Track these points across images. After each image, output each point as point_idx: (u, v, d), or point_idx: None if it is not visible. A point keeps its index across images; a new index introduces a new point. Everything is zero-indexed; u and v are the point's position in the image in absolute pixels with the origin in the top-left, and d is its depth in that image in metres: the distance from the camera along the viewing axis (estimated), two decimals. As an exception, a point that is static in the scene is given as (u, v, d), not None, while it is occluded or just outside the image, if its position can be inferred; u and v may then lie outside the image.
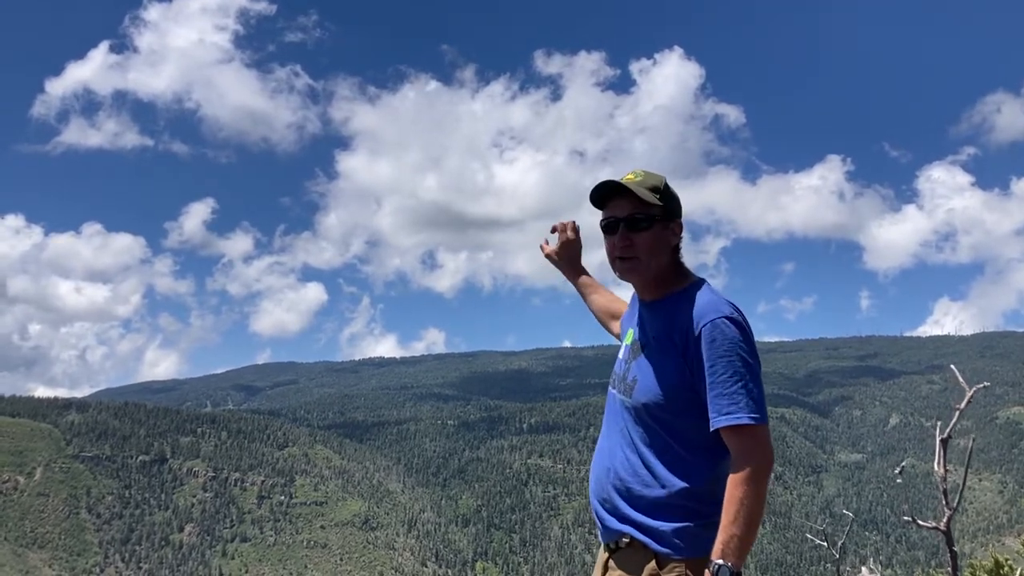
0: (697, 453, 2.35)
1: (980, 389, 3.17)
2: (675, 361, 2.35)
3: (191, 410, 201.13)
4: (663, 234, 2.49)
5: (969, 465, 3.23)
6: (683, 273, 2.56)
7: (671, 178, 2.49)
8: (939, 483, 3.04)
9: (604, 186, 2.47)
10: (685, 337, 2.34)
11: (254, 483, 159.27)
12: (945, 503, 3.09)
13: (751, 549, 2.25)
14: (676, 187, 2.39)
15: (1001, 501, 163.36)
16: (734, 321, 2.34)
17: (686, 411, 2.33)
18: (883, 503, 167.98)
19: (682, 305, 2.41)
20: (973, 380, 3.25)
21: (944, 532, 3.14)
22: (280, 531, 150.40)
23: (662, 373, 2.37)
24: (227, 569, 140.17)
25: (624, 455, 2.44)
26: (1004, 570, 6.72)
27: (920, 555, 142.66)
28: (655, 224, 2.47)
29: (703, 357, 2.29)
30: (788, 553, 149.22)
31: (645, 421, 2.41)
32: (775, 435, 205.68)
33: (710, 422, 2.28)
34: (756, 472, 2.21)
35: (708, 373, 2.28)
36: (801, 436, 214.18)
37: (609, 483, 2.47)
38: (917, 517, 3.30)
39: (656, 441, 2.39)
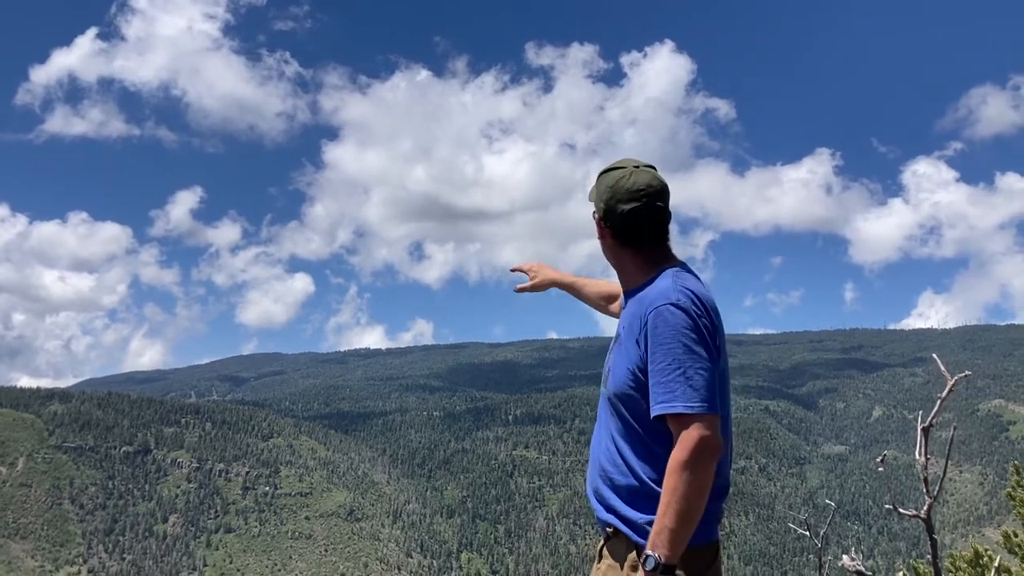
0: (662, 443, 2.31)
1: (962, 379, 3.18)
2: (634, 351, 2.34)
3: (175, 401, 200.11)
4: (600, 233, 2.59)
5: (950, 456, 3.24)
6: (657, 261, 2.52)
7: (660, 171, 2.49)
8: (920, 472, 3.11)
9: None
10: (641, 326, 2.33)
11: (239, 474, 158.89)
12: (926, 492, 3.13)
13: (685, 542, 2.20)
14: (665, 180, 2.36)
15: (981, 493, 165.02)
16: (679, 307, 2.28)
17: (646, 400, 2.31)
18: (865, 495, 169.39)
19: (644, 294, 2.41)
20: (955, 373, 3.26)
21: (925, 520, 3.16)
22: (265, 522, 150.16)
23: (625, 363, 2.37)
24: (211, 560, 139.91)
25: (606, 445, 2.46)
26: (984, 560, 6.78)
27: (901, 546, 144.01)
28: (597, 227, 2.58)
29: (648, 345, 2.29)
30: (771, 544, 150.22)
31: (619, 411, 2.42)
32: (760, 427, 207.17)
33: (653, 411, 2.27)
34: (689, 462, 2.15)
35: (650, 361, 2.27)
36: (785, 428, 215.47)
37: (596, 473, 2.49)
38: (899, 507, 3.31)
39: (628, 431, 2.39)
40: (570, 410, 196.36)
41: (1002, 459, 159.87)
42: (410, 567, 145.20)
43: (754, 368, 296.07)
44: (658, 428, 2.31)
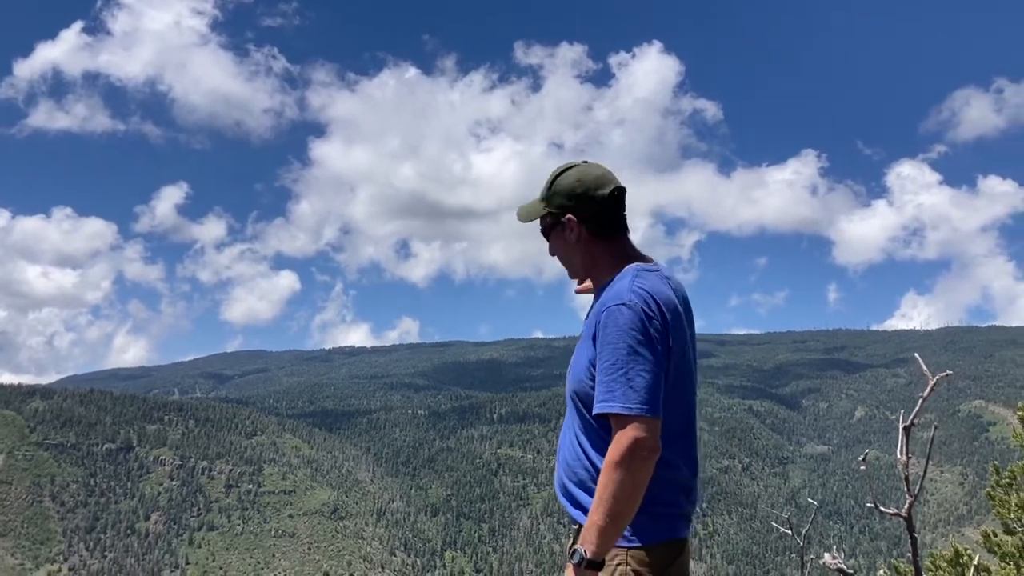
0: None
1: (943, 379, 3.21)
2: (590, 348, 2.34)
3: (159, 398, 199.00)
4: (560, 236, 2.51)
5: (931, 455, 3.24)
6: (626, 256, 2.51)
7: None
8: (901, 470, 3.13)
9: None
10: (595, 324, 2.33)
11: (222, 472, 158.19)
12: (907, 491, 3.16)
13: (613, 540, 2.22)
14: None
15: (961, 493, 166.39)
16: (630, 307, 2.27)
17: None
18: (847, 494, 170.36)
19: (605, 292, 2.41)
20: (936, 373, 3.30)
21: (905, 519, 3.18)
22: (248, 520, 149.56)
23: (583, 360, 2.37)
24: (194, 558, 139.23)
25: (570, 441, 2.47)
26: (963, 559, 6.84)
27: (883, 545, 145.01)
28: (551, 232, 2.54)
29: (599, 344, 2.30)
30: (754, 543, 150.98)
31: (578, 408, 2.42)
32: (743, 427, 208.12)
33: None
34: (621, 462, 2.16)
35: (598, 360, 2.28)
36: (768, 428, 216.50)
37: (562, 470, 2.50)
38: (880, 506, 3.31)
39: (587, 428, 2.39)
40: (555, 409, 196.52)
41: (982, 459, 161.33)
42: (394, 565, 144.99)
43: (738, 368, 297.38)
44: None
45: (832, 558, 3.35)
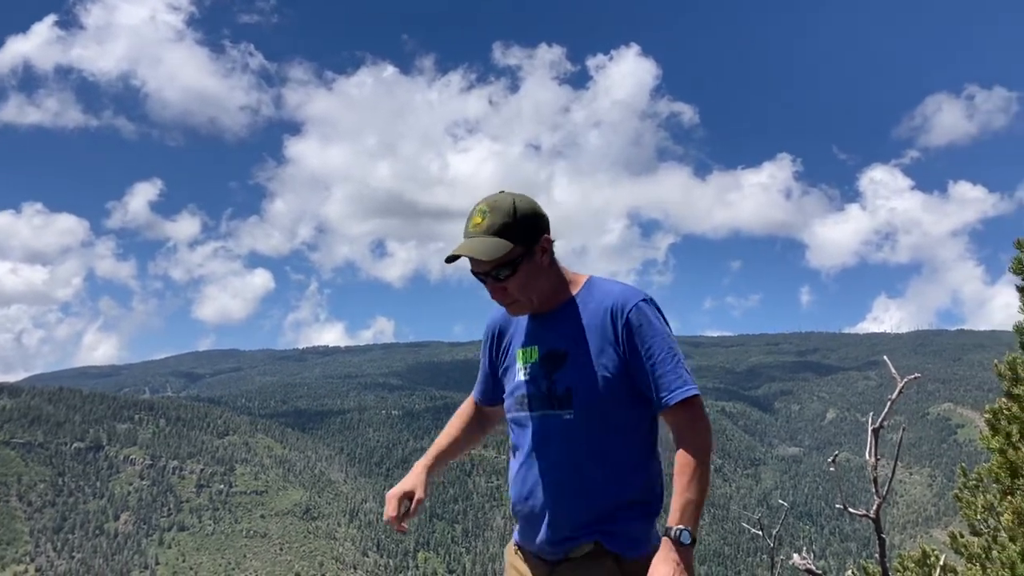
0: (638, 443, 2.31)
1: (911, 381, 3.23)
2: (609, 355, 2.25)
3: (129, 396, 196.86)
4: (531, 265, 2.27)
5: (899, 457, 3.25)
6: (566, 275, 2.39)
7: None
8: (870, 472, 3.16)
9: (450, 260, 2.30)
10: (613, 328, 2.26)
11: (193, 471, 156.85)
12: (875, 492, 3.18)
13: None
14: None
15: (930, 494, 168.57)
16: (652, 302, 2.30)
17: (625, 402, 2.26)
18: (818, 496, 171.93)
19: (592, 301, 2.32)
20: (906, 376, 3.34)
21: (873, 520, 3.19)
22: (219, 520, 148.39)
23: (601, 371, 2.25)
24: (164, 558, 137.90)
25: (582, 467, 2.29)
26: (931, 560, 6.93)
27: (852, 546, 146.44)
28: (519, 265, 2.26)
29: (636, 343, 2.24)
30: (726, 544, 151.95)
31: (594, 426, 2.28)
32: (716, 428, 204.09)
33: (660, 401, 2.23)
34: (709, 439, 2.26)
35: (646, 356, 2.23)
36: (741, 429, 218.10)
37: (582, 503, 2.29)
38: (849, 507, 3.33)
39: (616, 438, 2.29)
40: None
41: (950, 461, 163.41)
42: (366, 566, 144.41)
43: (711, 370, 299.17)
44: (633, 429, 2.30)
45: (801, 559, 3.38)
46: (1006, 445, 5.33)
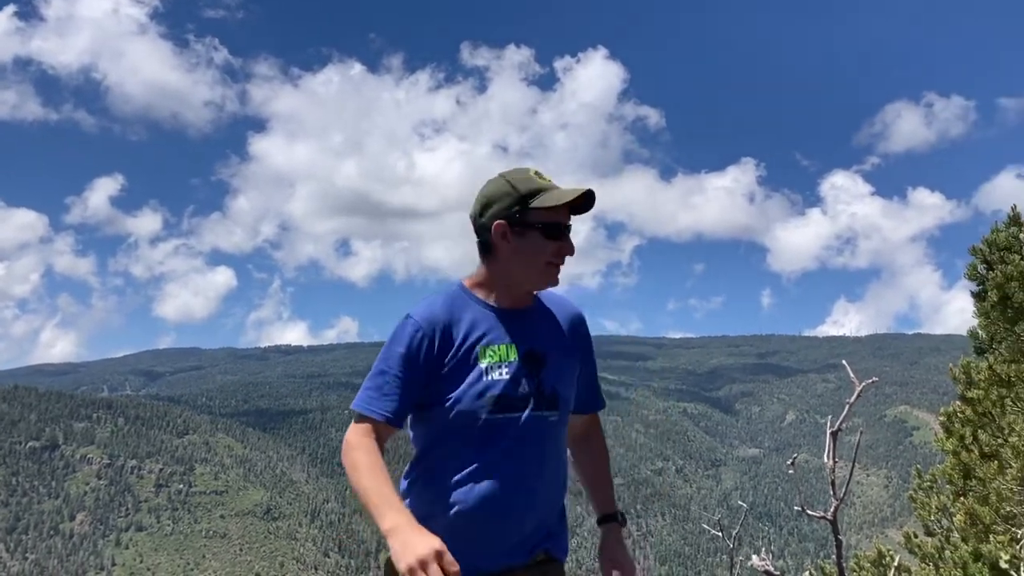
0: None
1: (869, 384, 3.24)
2: (575, 360, 2.26)
3: (87, 395, 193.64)
4: (520, 237, 2.21)
5: (857, 459, 3.31)
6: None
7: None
8: (828, 474, 3.18)
9: (589, 195, 2.17)
10: (577, 334, 2.28)
11: (152, 471, 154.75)
12: (833, 494, 3.19)
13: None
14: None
15: (886, 495, 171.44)
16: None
17: (571, 406, 2.28)
18: (778, 497, 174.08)
19: (552, 304, 2.28)
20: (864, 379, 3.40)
21: (831, 521, 3.21)
22: (178, 520, 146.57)
23: (571, 378, 2.24)
24: (121, 559, 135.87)
25: (557, 471, 2.25)
26: (886, 560, 7.06)
27: (810, 547, 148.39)
28: (510, 233, 2.16)
29: (588, 350, 2.32)
30: (687, 544, 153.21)
31: (565, 429, 2.27)
32: (678, 429, 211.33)
33: (595, 405, 2.38)
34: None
35: (590, 364, 2.35)
36: (702, 431, 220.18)
37: (551, 507, 2.26)
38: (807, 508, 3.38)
39: (562, 446, 2.27)
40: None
41: (906, 463, 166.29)
42: (327, 567, 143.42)
43: (674, 371, 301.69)
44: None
45: (760, 560, 3.44)
46: (959, 447, 5.45)
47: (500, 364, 2.10)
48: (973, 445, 5.37)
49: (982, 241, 5.46)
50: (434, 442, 2.15)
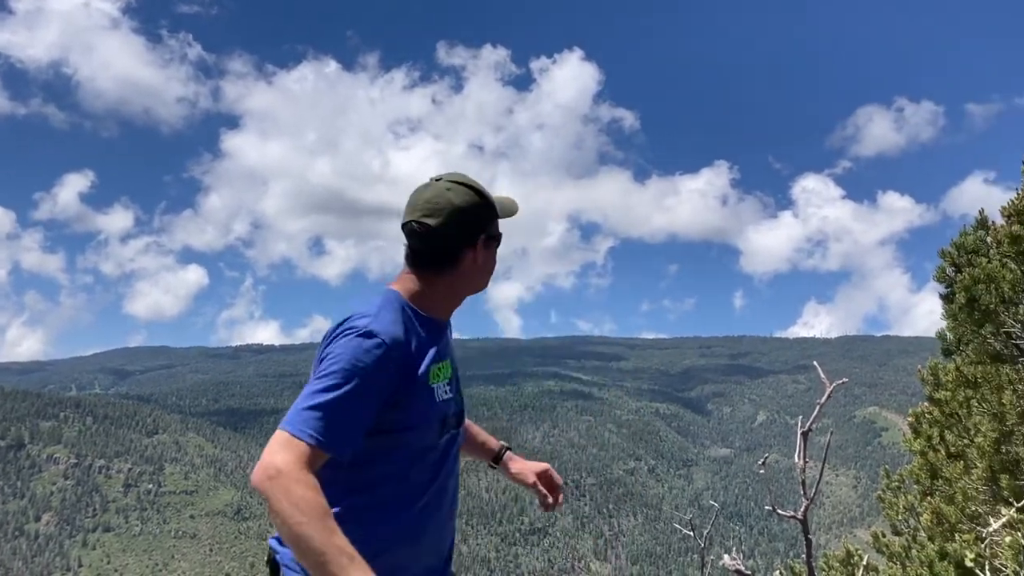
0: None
1: (840, 386, 3.26)
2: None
3: (54, 393, 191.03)
4: (485, 254, 2.13)
5: (826, 460, 3.34)
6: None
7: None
8: (798, 474, 3.19)
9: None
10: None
11: (120, 471, 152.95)
12: (803, 493, 3.20)
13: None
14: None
15: (855, 495, 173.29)
16: None
17: None
18: (748, 497, 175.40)
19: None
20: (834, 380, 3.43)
21: (801, 521, 3.22)
22: (147, 520, 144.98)
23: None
24: (87, 560, 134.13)
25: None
26: (854, 559, 7.14)
27: (780, 546, 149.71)
28: (479, 251, 2.07)
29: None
30: (658, 544, 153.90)
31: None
32: (650, 429, 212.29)
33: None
34: None
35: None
36: (674, 431, 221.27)
37: (451, 539, 2.10)
38: (778, 508, 3.40)
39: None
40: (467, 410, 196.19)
41: (875, 463, 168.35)
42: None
43: (647, 371, 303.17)
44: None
45: (731, 559, 3.47)
46: (927, 447, 5.52)
47: (444, 383, 1.96)
48: (940, 445, 5.44)
49: (950, 244, 5.53)
50: (386, 472, 1.85)
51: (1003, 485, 4.89)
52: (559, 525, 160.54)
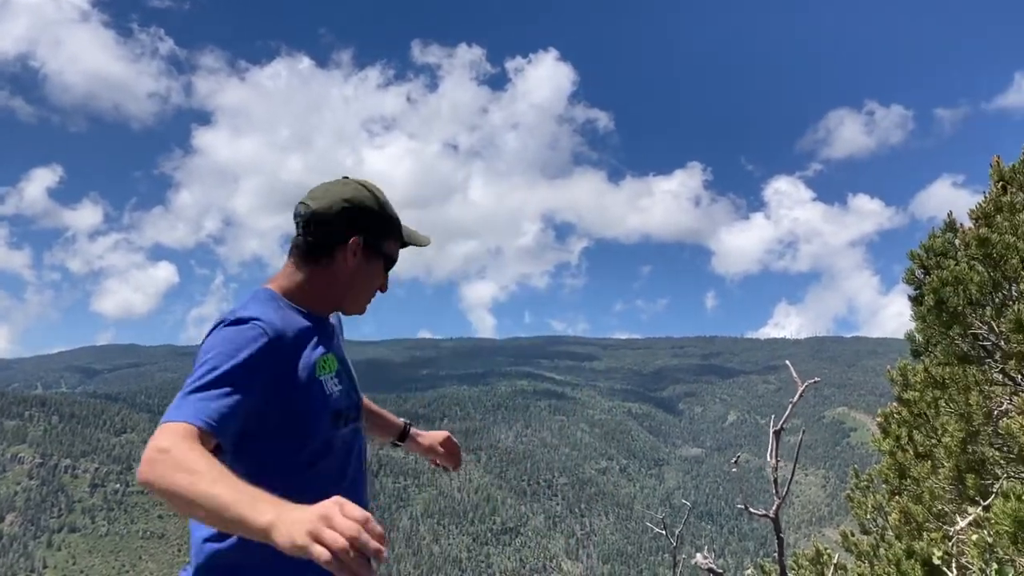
0: None
1: (811, 385, 3.26)
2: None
3: (19, 392, 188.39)
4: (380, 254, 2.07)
5: (798, 459, 3.37)
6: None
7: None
8: (771, 473, 3.19)
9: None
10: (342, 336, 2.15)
11: (87, 470, 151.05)
12: (775, 492, 3.21)
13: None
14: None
15: (824, 495, 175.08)
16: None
17: None
18: (719, 496, 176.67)
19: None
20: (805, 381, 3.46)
21: (773, 520, 3.23)
22: (114, 521, 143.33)
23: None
24: (52, 561, 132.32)
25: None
26: (824, 558, 7.21)
27: (750, 545, 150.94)
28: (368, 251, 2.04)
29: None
30: (629, 543, 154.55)
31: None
32: (622, 429, 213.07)
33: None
34: None
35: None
36: (646, 430, 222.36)
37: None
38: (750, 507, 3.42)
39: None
40: (439, 410, 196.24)
41: (843, 463, 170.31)
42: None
43: (620, 371, 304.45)
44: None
45: (703, 558, 3.48)
46: (896, 447, 5.57)
47: (331, 375, 1.88)
48: (909, 445, 5.50)
49: (920, 246, 5.59)
50: (279, 476, 1.69)
51: (969, 484, 4.95)
52: (531, 525, 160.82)
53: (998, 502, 3.77)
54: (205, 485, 1.39)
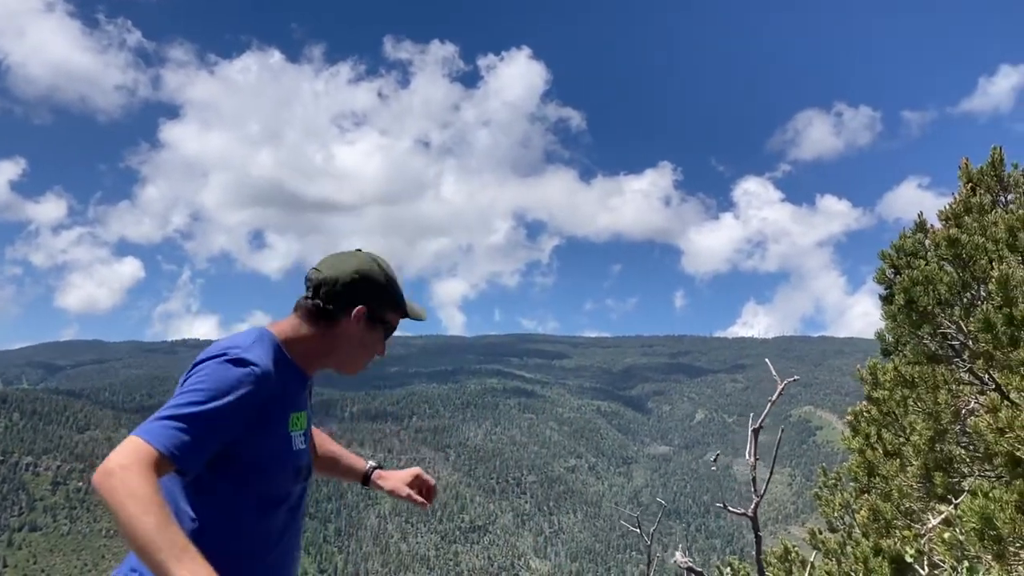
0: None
1: (791, 382, 3.27)
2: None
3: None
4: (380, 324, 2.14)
5: (774, 458, 3.38)
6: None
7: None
8: (750, 471, 3.19)
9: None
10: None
11: (48, 468, 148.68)
12: (754, 490, 3.21)
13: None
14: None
15: (790, 493, 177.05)
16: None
17: None
18: (686, 494, 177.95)
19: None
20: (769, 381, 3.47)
21: (751, 518, 3.23)
22: (76, 519, 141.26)
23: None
24: (12, 560, 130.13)
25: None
26: (791, 556, 7.26)
27: (717, 543, 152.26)
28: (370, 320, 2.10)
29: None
30: (597, 541, 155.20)
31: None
32: (591, 427, 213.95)
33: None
34: None
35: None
36: (615, 428, 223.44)
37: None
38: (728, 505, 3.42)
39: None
40: (408, 408, 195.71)
41: (809, 462, 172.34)
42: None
43: (589, 369, 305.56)
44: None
45: (683, 557, 3.48)
46: (865, 446, 5.62)
47: (300, 433, 1.97)
48: (878, 444, 5.55)
49: (891, 246, 5.64)
50: (227, 517, 1.82)
51: (937, 482, 5.01)
52: (499, 523, 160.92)
53: (966, 500, 3.82)
54: (140, 513, 1.50)
